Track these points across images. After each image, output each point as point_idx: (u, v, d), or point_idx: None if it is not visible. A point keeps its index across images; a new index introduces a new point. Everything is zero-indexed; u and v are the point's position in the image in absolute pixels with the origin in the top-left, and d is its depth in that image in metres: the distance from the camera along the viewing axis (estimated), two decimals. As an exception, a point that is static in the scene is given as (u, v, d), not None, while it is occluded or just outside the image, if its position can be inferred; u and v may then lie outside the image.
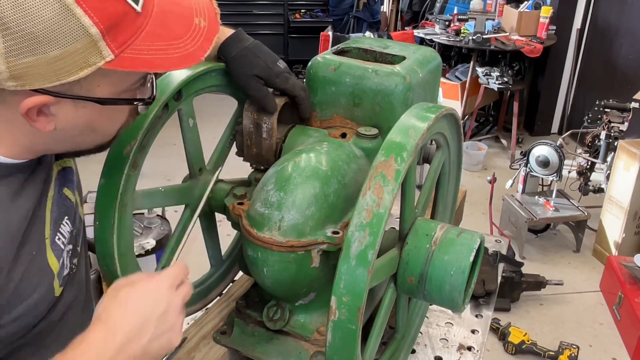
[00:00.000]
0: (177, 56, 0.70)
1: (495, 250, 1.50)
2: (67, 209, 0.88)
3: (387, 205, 0.73)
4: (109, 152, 0.88)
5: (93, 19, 0.63)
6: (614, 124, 3.48)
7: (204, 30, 0.73)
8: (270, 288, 0.92)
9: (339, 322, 0.73)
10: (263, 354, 0.96)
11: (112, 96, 0.72)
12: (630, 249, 3.33)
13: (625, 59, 4.49)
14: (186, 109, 0.98)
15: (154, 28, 0.69)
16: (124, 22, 0.66)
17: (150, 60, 0.68)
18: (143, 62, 0.67)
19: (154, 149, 0.98)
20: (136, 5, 0.66)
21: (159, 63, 0.69)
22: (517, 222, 3.50)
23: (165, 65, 0.71)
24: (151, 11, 0.69)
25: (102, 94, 0.71)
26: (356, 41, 1.16)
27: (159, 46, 0.69)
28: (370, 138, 0.98)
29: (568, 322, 3.01)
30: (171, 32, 0.70)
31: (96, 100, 0.70)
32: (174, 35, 0.71)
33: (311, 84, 1.06)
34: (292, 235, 0.86)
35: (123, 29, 0.66)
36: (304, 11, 6.41)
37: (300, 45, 6.36)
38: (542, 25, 4.59)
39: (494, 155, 4.83)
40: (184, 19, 0.73)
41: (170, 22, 0.71)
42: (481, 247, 0.88)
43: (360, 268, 0.71)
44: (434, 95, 1.16)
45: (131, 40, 0.67)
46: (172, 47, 0.70)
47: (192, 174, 1.04)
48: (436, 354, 1.16)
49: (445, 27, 4.81)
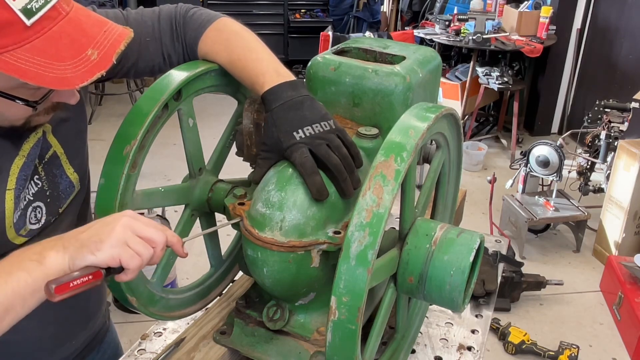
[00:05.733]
0: (51, 76, 0.75)
1: (495, 250, 1.50)
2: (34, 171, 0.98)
3: (387, 205, 0.73)
4: (109, 152, 0.88)
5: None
6: (614, 124, 3.48)
7: (91, 63, 0.78)
8: (270, 288, 0.92)
9: (339, 322, 0.73)
10: (263, 354, 0.96)
11: (2, 89, 0.80)
12: (630, 249, 3.33)
13: (625, 59, 4.50)
14: (186, 109, 0.98)
15: (42, 45, 0.75)
16: (8, 29, 0.73)
17: (25, 70, 0.74)
18: (17, 69, 0.73)
19: (154, 149, 0.98)
20: (27, 19, 0.73)
21: (32, 76, 0.74)
22: (517, 222, 3.50)
23: (38, 80, 0.75)
24: (47, 30, 0.76)
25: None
26: (356, 41, 1.16)
27: (38, 61, 0.75)
28: (370, 138, 0.98)
29: (568, 322, 3.01)
30: (57, 54, 0.76)
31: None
32: (58, 57, 0.76)
33: (311, 84, 1.06)
34: (294, 235, 0.86)
35: (5, 35, 0.73)
36: (304, 11, 6.42)
37: (300, 45, 6.37)
38: (542, 25, 4.59)
39: (494, 155, 4.83)
40: (77, 45, 0.78)
41: (62, 44, 0.77)
42: (481, 247, 0.88)
43: (360, 268, 0.71)
44: (434, 95, 1.16)
45: (12, 47, 0.73)
46: (51, 66, 0.75)
47: (192, 174, 1.03)
48: (436, 354, 1.16)
49: (445, 27, 4.81)
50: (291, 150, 0.87)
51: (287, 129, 0.88)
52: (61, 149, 1.04)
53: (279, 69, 0.96)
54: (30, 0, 0.73)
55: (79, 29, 0.79)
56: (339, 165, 0.86)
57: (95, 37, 0.80)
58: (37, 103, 0.86)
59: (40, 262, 0.75)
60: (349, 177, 0.88)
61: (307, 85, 1.07)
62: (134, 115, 0.89)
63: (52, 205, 1.03)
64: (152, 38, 1.05)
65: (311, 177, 0.86)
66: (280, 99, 0.91)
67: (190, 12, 1.06)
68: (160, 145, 1.14)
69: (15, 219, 0.96)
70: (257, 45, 1.01)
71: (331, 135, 0.88)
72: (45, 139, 1.00)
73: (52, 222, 1.04)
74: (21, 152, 0.95)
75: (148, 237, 0.80)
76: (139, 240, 0.79)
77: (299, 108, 0.90)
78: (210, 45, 1.02)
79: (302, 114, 0.89)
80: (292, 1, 6.43)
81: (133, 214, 0.82)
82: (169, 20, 1.06)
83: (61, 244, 0.77)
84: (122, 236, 0.77)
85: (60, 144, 1.03)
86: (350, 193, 0.89)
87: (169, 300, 1.04)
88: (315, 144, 0.87)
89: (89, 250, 0.76)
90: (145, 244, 0.79)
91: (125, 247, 0.77)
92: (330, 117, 0.91)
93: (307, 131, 0.88)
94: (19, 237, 0.97)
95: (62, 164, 1.04)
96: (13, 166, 0.94)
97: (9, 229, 0.95)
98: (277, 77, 0.94)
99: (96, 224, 0.80)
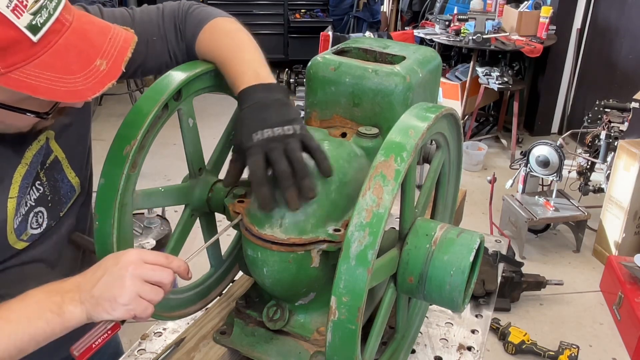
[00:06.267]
0: (63, 90, 0.75)
1: (495, 250, 1.50)
2: (36, 177, 0.99)
3: (387, 205, 0.73)
4: (109, 152, 0.88)
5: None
6: (614, 124, 3.48)
7: (101, 73, 0.78)
8: (270, 288, 0.92)
9: (339, 322, 0.73)
10: (263, 353, 0.96)
11: (8, 102, 0.80)
12: (630, 249, 3.33)
13: (625, 59, 4.49)
14: (186, 109, 0.98)
15: (50, 59, 0.75)
16: (15, 47, 0.73)
17: (35, 86, 0.74)
18: (28, 86, 0.74)
19: (154, 149, 0.98)
20: (33, 36, 0.73)
21: (43, 91, 0.74)
22: (517, 222, 3.50)
23: (50, 95, 0.75)
24: (54, 43, 0.76)
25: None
26: (356, 41, 1.16)
27: (49, 76, 0.75)
28: (370, 137, 0.98)
29: (568, 322, 3.01)
30: (66, 67, 0.76)
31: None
32: (68, 70, 0.76)
33: (311, 84, 1.06)
34: (294, 232, 0.86)
35: (13, 53, 0.73)
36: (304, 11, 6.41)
37: (300, 45, 6.36)
38: (542, 25, 4.59)
39: (494, 155, 4.83)
40: (85, 57, 0.78)
41: (70, 57, 0.77)
42: (481, 247, 0.88)
43: (360, 268, 0.71)
44: (434, 95, 1.16)
45: (21, 65, 0.73)
46: (61, 81, 0.75)
47: (192, 174, 1.03)
48: (436, 354, 1.16)
49: (445, 27, 4.81)
50: (248, 153, 0.85)
51: (248, 131, 0.86)
52: (62, 154, 1.04)
53: (260, 70, 0.94)
54: (35, 16, 0.73)
55: (84, 40, 0.79)
56: (283, 173, 0.82)
57: (102, 47, 0.80)
58: (48, 114, 0.86)
59: (59, 315, 0.79)
60: (293, 185, 0.82)
61: (307, 85, 1.07)
62: (134, 115, 0.89)
63: (53, 209, 1.03)
64: (158, 37, 1.05)
65: (258, 187, 0.83)
66: (250, 100, 0.90)
67: (190, 9, 1.06)
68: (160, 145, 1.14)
69: (16, 225, 0.96)
70: (245, 46, 0.99)
71: (290, 139, 0.84)
72: (47, 145, 1.00)
73: (52, 226, 1.04)
74: (24, 160, 0.96)
75: (157, 281, 0.81)
76: (149, 288, 0.80)
77: (264, 110, 0.87)
78: (204, 45, 1.03)
79: (265, 116, 0.86)
80: (292, 1, 6.42)
81: (138, 255, 0.81)
82: (172, 18, 1.06)
83: (78, 297, 0.80)
84: (134, 290, 0.78)
85: (62, 149, 1.03)
86: (293, 203, 0.83)
87: (170, 300, 1.04)
88: (270, 147, 0.83)
89: (104, 310, 0.79)
90: (156, 290, 0.81)
91: (138, 300, 0.79)
92: (300, 122, 0.87)
93: (266, 133, 0.84)
94: (19, 241, 0.98)
95: (63, 169, 1.04)
96: (16, 174, 0.94)
97: (10, 234, 0.95)
98: (255, 78, 0.92)
99: (105, 276, 0.80)
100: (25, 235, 0.99)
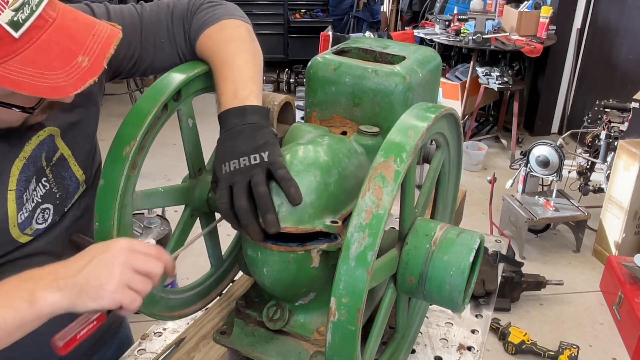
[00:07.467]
0: (45, 86, 0.75)
1: (495, 250, 1.50)
2: (39, 172, 0.99)
3: (387, 206, 0.73)
4: (109, 153, 0.88)
5: None
6: (614, 124, 3.48)
7: (83, 70, 0.78)
8: (270, 288, 0.92)
9: (339, 323, 0.73)
10: (263, 353, 0.96)
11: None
12: (630, 249, 3.33)
13: (625, 59, 4.49)
14: (185, 109, 0.98)
15: (32, 55, 0.75)
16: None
17: (19, 82, 0.74)
18: (11, 81, 0.74)
19: (154, 149, 0.98)
20: (15, 32, 0.73)
21: (26, 87, 0.74)
22: (517, 222, 3.50)
23: (32, 91, 0.76)
24: (36, 39, 0.76)
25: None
26: (356, 41, 1.16)
27: (31, 72, 0.75)
28: (371, 135, 0.98)
29: (568, 322, 3.01)
30: (48, 63, 0.76)
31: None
32: (50, 66, 0.76)
33: (311, 84, 1.06)
34: (290, 221, 0.84)
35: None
36: (304, 11, 6.41)
37: (300, 45, 6.36)
38: (542, 25, 4.59)
39: (494, 155, 4.83)
40: (67, 53, 0.78)
41: (52, 54, 0.77)
42: (481, 247, 0.88)
43: (360, 269, 0.71)
44: (434, 95, 1.16)
45: (3, 60, 0.74)
46: (43, 77, 0.75)
47: (192, 174, 1.03)
48: (436, 354, 1.16)
49: (445, 27, 4.81)
50: (218, 186, 0.85)
51: (218, 162, 0.87)
52: (69, 152, 1.04)
53: (240, 89, 0.92)
54: (17, 13, 0.73)
55: (67, 36, 0.79)
56: (239, 209, 0.81)
57: (85, 43, 0.80)
58: (34, 109, 0.86)
59: (30, 302, 0.74)
60: (254, 221, 0.82)
61: (307, 85, 1.07)
62: (134, 115, 0.89)
63: (60, 205, 1.04)
64: (167, 39, 1.05)
65: (228, 220, 0.85)
66: (225, 126, 0.89)
67: (199, 8, 1.05)
68: (160, 145, 1.14)
69: (21, 220, 0.97)
70: (234, 59, 0.97)
71: (256, 170, 0.82)
72: (52, 142, 1.00)
73: (57, 221, 1.05)
74: (22, 153, 0.96)
75: (147, 271, 0.79)
76: (139, 278, 0.78)
77: (235, 138, 0.86)
78: (202, 51, 1.03)
79: (235, 145, 0.86)
80: (292, 1, 6.42)
81: (129, 244, 0.80)
82: (181, 19, 1.05)
83: (55, 284, 0.75)
84: (122, 278, 0.77)
85: (68, 147, 1.04)
86: (255, 237, 0.83)
87: (170, 300, 1.04)
88: (234, 181, 0.83)
89: (90, 297, 0.75)
90: (145, 280, 0.79)
91: (126, 290, 0.77)
92: (270, 146, 0.85)
93: (233, 165, 0.84)
94: (23, 235, 0.98)
95: (70, 166, 1.05)
96: (13, 168, 0.95)
97: (13, 228, 0.96)
98: (232, 100, 0.90)
99: (92, 262, 0.77)
100: (30, 230, 0.99)
